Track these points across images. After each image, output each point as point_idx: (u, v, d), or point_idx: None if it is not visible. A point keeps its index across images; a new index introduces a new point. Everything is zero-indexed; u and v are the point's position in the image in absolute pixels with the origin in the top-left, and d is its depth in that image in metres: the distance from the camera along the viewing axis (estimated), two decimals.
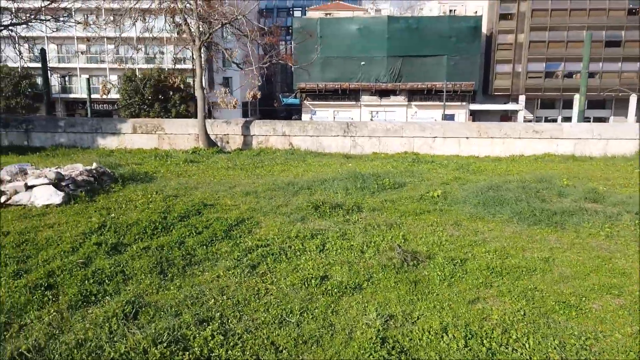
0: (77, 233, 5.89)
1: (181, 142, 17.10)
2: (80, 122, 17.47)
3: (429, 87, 58.20)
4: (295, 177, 10.09)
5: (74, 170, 8.56)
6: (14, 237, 5.81)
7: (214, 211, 7.04)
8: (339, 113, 60.46)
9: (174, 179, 9.97)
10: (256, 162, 12.54)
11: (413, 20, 58.09)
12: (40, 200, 7.38)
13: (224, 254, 5.33)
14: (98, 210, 7.04)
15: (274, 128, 16.87)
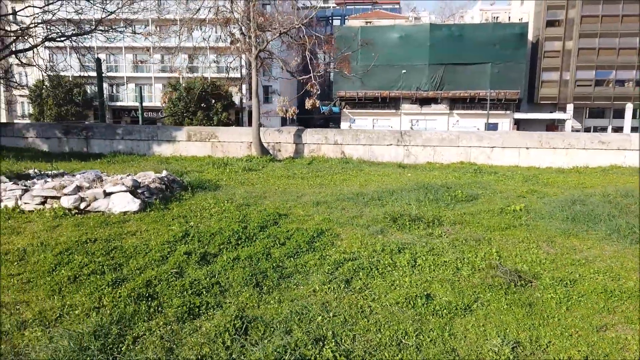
0: (162, 241, 5.89)
1: (234, 150, 17.28)
2: (137, 130, 17.95)
3: (472, 96, 56.91)
4: (360, 187, 9.91)
5: (146, 178, 8.68)
6: (101, 244, 5.87)
7: (289, 221, 6.93)
8: (378, 121, 60.03)
9: (238, 187, 9.98)
10: (313, 171, 12.44)
11: (456, 28, 57.18)
12: (117, 208, 7.49)
13: (312, 267, 5.18)
14: (175, 219, 7.07)
15: (325, 136, 16.79)
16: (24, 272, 5.02)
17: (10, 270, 5.08)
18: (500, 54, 55.22)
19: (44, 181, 8.59)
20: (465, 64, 56.24)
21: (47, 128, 18.45)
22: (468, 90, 56.00)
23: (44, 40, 18.47)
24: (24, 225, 6.84)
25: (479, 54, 56.03)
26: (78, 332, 3.61)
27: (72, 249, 5.69)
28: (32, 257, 5.49)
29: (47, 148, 18.04)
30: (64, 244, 5.85)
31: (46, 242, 6.00)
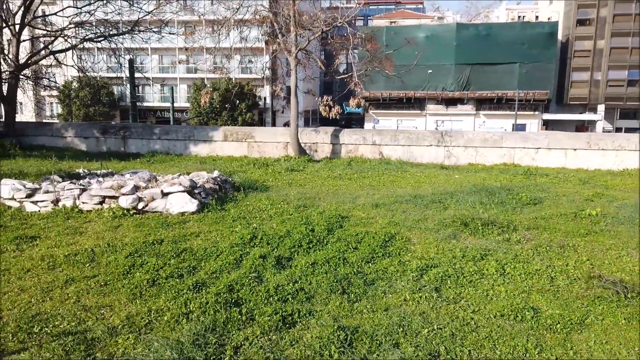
0: (231, 244, 5.71)
1: (270, 150, 17.13)
2: (174, 130, 17.97)
3: (499, 96, 55.79)
4: (413, 189, 9.61)
5: (199, 178, 8.55)
6: (169, 245, 5.72)
7: (353, 224, 6.69)
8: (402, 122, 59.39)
9: (287, 188, 9.79)
10: (357, 172, 12.18)
11: (483, 27, 56.19)
12: (175, 208, 7.36)
13: (394, 273, 4.92)
14: (236, 220, 6.90)
15: (363, 137, 16.51)
16: (98, 274, 4.89)
17: (84, 272, 4.96)
18: (529, 53, 53.99)
19: (97, 181, 8.54)
20: (493, 64, 55.15)
21: (85, 128, 18.62)
22: (495, 91, 54.94)
23: (82, 41, 18.66)
24: (85, 225, 6.77)
25: (507, 53, 54.87)
26: (175, 341, 3.43)
27: (141, 250, 5.56)
28: (102, 258, 5.37)
29: (85, 147, 18.20)
30: (132, 245, 5.72)
31: (112, 243, 5.89)
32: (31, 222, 6.90)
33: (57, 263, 5.20)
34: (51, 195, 7.49)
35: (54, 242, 5.96)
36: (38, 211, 7.43)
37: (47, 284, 4.68)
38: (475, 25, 57.68)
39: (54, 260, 5.25)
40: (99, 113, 54.74)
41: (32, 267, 5.09)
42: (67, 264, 5.19)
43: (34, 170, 11.73)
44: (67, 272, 4.96)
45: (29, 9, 16.95)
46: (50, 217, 7.14)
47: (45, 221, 6.95)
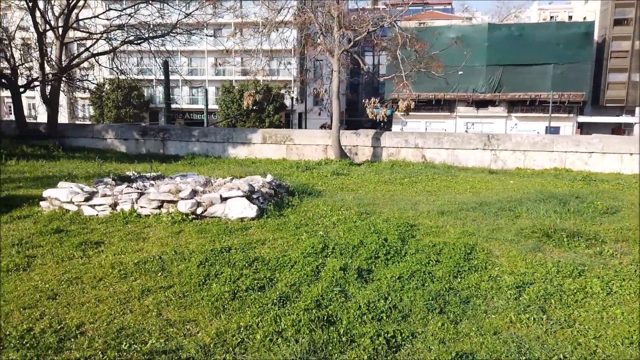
0: (304, 253, 5.43)
1: (309, 153, 16.89)
2: (213, 132, 17.92)
3: (532, 98, 54.30)
4: (473, 195, 9.19)
5: (254, 182, 8.33)
6: (238, 254, 5.48)
7: (424, 234, 6.33)
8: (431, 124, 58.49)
9: (340, 192, 9.50)
10: (406, 177, 11.79)
11: (516, 28, 54.87)
12: (234, 213, 7.14)
13: (488, 290, 4.55)
14: (299, 227, 6.63)
15: (405, 140, 16.10)
16: (173, 285, 4.67)
17: (158, 282, 4.74)
18: (564, 54, 52.39)
19: (150, 184, 8.41)
20: (526, 65, 53.74)
21: (125, 130, 18.76)
22: (528, 92, 53.52)
23: (123, 43, 18.82)
24: (146, 231, 6.60)
25: (541, 54, 53.37)
26: None
27: (211, 259, 5.32)
28: (173, 266, 5.16)
29: (125, 149, 18.33)
30: (200, 253, 5.50)
31: (178, 250, 5.69)
32: (91, 226, 6.78)
33: (128, 271, 5.01)
34: (109, 199, 7.37)
35: (119, 249, 5.80)
36: (96, 215, 7.32)
37: (123, 294, 4.48)
38: (508, 25, 56.38)
39: (125, 268, 5.07)
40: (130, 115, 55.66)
41: (104, 275, 4.91)
42: (138, 272, 5.00)
43: (81, 172, 11.76)
44: (141, 282, 4.76)
45: (72, 12, 17.16)
46: (109, 222, 7.01)
47: (105, 226, 6.82)
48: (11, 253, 5.53)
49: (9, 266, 5.10)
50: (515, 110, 55.36)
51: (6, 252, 5.57)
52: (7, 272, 4.99)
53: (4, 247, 5.76)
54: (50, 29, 16.99)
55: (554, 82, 51.30)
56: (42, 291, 4.51)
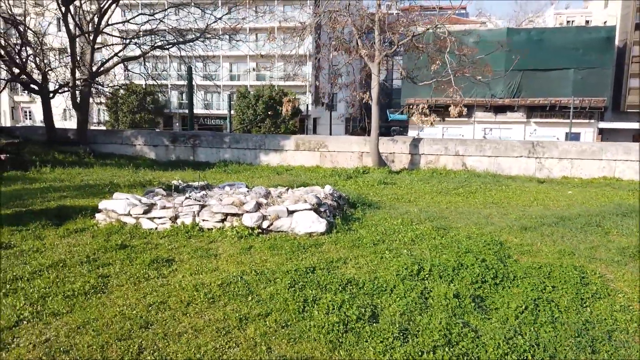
0: (399, 276, 4.97)
1: (343, 160, 16.47)
2: (245, 139, 17.56)
3: (552, 103, 53.43)
4: (544, 207, 8.67)
5: (314, 193, 7.89)
6: (325, 275, 5.02)
7: (518, 253, 5.85)
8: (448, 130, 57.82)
9: (398, 204, 9.04)
10: (457, 186, 11.30)
11: (535, 32, 54.16)
12: (302, 228, 6.71)
13: (628, 322, 4.05)
14: (377, 244, 6.19)
15: (445, 147, 15.62)
16: (271, 312, 4.22)
17: (252, 308, 4.30)
18: (584, 59, 51.56)
19: (203, 194, 8.00)
20: (545, 70, 52.96)
21: (154, 136, 18.48)
22: (548, 98, 52.70)
23: (152, 48, 18.58)
24: (213, 246, 6.19)
25: (561, 59, 52.57)
26: None
27: (299, 280, 4.88)
28: (260, 289, 4.72)
29: (154, 156, 18.03)
30: (283, 273, 5.07)
31: (257, 269, 5.27)
32: (154, 241, 6.39)
33: (214, 295, 4.58)
34: (170, 212, 6.98)
35: (193, 267, 5.38)
36: (155, 228, 6.93)
37: (220, 322, 4.05)
38: (527, 30, 55.70)
39: (210, 291, 4.64)
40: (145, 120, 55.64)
41: (191, 299, 4.49)
42: (225, 296, 4.57)
43: (122, 181, 11.43)
44: (233, 308, 4.33)
45: (104, 16, 16.94)
46: (172, 236, 6.62)
47: (168, 240, 6.43)
48: (82, 272, 5.14)
49: (84, 288, 4.70)
50: (535, 116, 54.54)
51: (76, 271, 5.18)
52: (85, 294, 4.59)
53: (72, 265, 5.37)
54: (81, 34, 16.77)
55: (575, 87, 50.44)
56: (131, 318, 4.09)
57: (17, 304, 4.33)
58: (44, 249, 5.94)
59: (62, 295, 4.54)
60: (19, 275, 5.00)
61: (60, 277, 4.99)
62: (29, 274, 5.04)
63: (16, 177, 11.77)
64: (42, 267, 5.26)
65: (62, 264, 5.39)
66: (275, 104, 51.28)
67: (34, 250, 5.85)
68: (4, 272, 5.09)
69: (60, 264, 5.38)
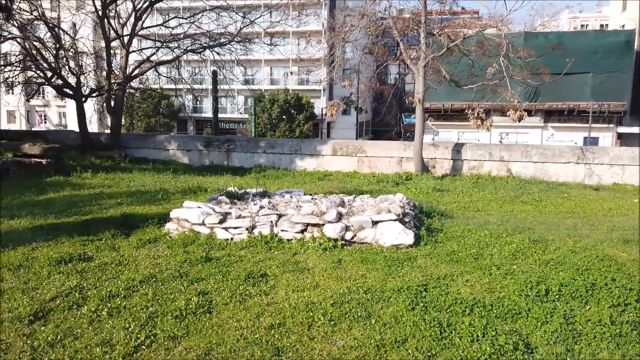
0: (527, 296, 4.58)
1: (382, 166, 16.10)
2: (280, 143, 17.25)
3: (570, 107, 52.67)
4: (626, 217, 8.23)
5: (388, 202, 7.52)
6: (442, 294, 4.64)
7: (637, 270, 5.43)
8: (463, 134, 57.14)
9: (469, 213, 8.64)
10: (519, 194, 10.88)
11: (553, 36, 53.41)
12: (387, 239, 6.33)
13: None
14: (477, 258, 5.81)
15: (490, 152, 15.20)
16: (407, 338, 3.84)
17: (382, 333, 3.92)
18: (603, 63, 50.82)
19: (267, 202, 7.66)
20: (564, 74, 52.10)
21: (188, 140, 18.24)
22: (566, 102, 51.98)
23: (185, 52, 18.35)
24: (298, 259, 5.84)
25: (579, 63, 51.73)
26: None
27: (418, 300, 4.50)
28: (377, 309, 4.35)
29: (188, 160, 17.77)
30: (395, 292, 4.70)
31: (362, 286, 4.91)
32: (235, 253, 6.05)
33: (332, 316, 4.20)
34: (246, 221, 6.64)
35: (291, 283, 5.03)
36: (231, 239, 6.60)
37: (356, 349, 3.67)
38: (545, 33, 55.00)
39: (326, 312, 4.27)
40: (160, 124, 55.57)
41: (310, 321, 4.11)
42: (344, 317, 4.19)
43: (170, 186, 11.13)
44: (361, 332, 3.95)
45: (139, 20, 16.73)
46: (250, 247, 6.28)
47: (250, 252, 6.09)
48: (179, 288, 4.79)
49: (190, 307, 4.35)
50: (552, 120, 53.80)
51: (171, 287, 4.83)
52: (193, 314, 4.24)
53: (164, 280, 5.03)
54: (117, 38, 16.57)
55: (593, 91, 49.73)
56: (257, 344, 3.73)
57: (127, 325, 4.00)
58: (125, 262, 5.61)
59: (171, 315, 4.19)
60: (114, 292, 4.66)
61: (159, 294, 4.65)
62: (124, 291, 4.71)
63: (60, 183, 11.51)
64: (133, 282, 4.93)
65: (153, 279, 5.05)
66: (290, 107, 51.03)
67: (116, 264, 5.52)
68: (98, 287, 4.76)
69: (152, 279, 5.05)
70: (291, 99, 51.43)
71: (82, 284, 4.86)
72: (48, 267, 5.29)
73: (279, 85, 57.19)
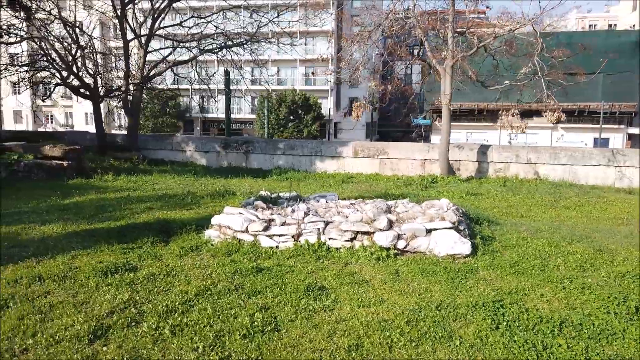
0: (615, 314, 4.25)
1: (405, 168, 15.78)
2: (300, 145, 16.95)
3: (581, 108, 52.18)
4: None
5: (434, 208, 7.21)
6: (526, 314, 4.32)
7: None
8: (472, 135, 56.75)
9: (513, 219, 8.32)
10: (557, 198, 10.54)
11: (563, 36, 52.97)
12: (442, 249, 6.02)
13: None
14: (544, 270, 5.48)
15: (516, 154, 14.87)
16: None
17: (470, 355, 3.61)
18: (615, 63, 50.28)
19: (308, 206, 7.35)
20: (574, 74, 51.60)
21: (206, 142, 17.96)
22: (577, 103, 51.50)
23: (201, 52, 18.08)
24: (354, 270, 5.53)
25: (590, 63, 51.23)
26: None
27: (499, 319, 4.19)
28: (456, 327, 4.04)
29: (205, 162, 17.50)
30: (469, 308, 4.39)
31: (430, 301, 4.59)
32: (284, 263, 5.75)
33: (412, 336, 3.89)
34: (292, 229, 6.34)
35: (353, 297, 4.71)
36: (276, 247, 6.29)
37: None
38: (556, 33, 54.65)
39: (402, 331, 3.96)
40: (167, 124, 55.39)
41: (391, 342, 3.80)
42: (425, 338, 3.88)
43: (198, 190, 10.83)
44: (448, 355, 3.64)
45: (157, 19, 16.47)
46: (298, 256, 5.98)
47: (299, 262, 5.79)
48: (238, 303, 4.48)
49: (255, 324, 4.04)
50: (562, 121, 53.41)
51: (229, 301, 4.52)
52: (261, 332, 3.94)
53: (219, 293, 4.73)
54: (135, 37, 16.30)
55: (604, 92, 49.28)
56: None
57: (194, 345, 3.70)
58: (173, 272, 5.31)
59: (238, 333, 3.89)
60: (170, 307, 4.36)
61: (219, 310, 4.34)
62: (181, 305, 4.41)
63: (83, 186, 11.24)
64: (188, 295, 4.63)
65: (207, 292, 4.75)
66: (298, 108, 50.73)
67: (164, 274, 5.23)
68: (152, 301, 4.47)
69: (206, 292, 4.75)
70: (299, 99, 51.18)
71: (135, 297, 4.56)
72: (94, 278, 5.01)
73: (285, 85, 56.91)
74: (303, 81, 59.72)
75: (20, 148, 12.07)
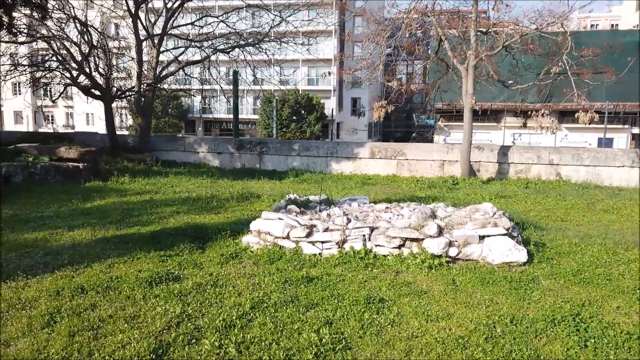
0: None
1: (423, 169, 15.50)
2: (315, 146, 16.66)
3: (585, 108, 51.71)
4: None
5: (478, 212, 6.92)
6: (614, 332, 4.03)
7: None
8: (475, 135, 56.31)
9: (556, 223, 8.03)
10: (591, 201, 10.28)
11: None
12: (497, 256, 5.73)
13: None
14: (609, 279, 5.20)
15: (538, 155, 14.61)
16: None
17: None
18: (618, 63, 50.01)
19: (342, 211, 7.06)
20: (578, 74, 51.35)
21: (219, 143, 17.65)
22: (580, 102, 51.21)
23: (215, 52, 17.78)
24: (408, 279, 5.24)
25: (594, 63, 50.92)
26: None
27: (579, 334, 3.91)
28: (538, 345, 3.76)
29: (219, 163, 17.19)
30: (548, 323, 4.11)
31: (500, 314, 4.31)
32: (332, 271, 5.46)
33: (499, 358, 3.62)
34: (336, 235, 6.04)
35: (417, 310, 4.42)
36: (319, 254, 6.00)
37: None
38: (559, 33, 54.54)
39: (483, 350, 3.68)
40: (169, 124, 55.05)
41: None
42: None
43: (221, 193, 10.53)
44: None
45: (170, 19, 16.16)
46: (344, 264, 5.70)
47: (347, 270, 5.51)
48: (299, 317, 4.19)
49: (323, 340, 3.75)
50: (566, 121, 53.15)
51: (289, 315, 4.23)
52: (333, 351, 3.65)
53: (274, 306, 4.43)
54: (148, 37, 15.98)
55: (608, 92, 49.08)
56: None
57: None
58: (220, 283, 5.01)
59: (310, 352, 3.60)
60: (228, 322, 4.06)
61: (280, 325, 4.05)
62: (238, 320, 4.11)
63: (101, 188, 10.93)
64: (243, 308, 4.32)
65: (263, 304, 4.45)
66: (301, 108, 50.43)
67: (211, 285, 4.93)
68: (207, 315, 4.17)
69: (261, 304, 4.45)
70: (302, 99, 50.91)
71: (187, 310, 4.26)
72: (139, 289, 4.70)
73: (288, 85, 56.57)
74: (306, 81, 59.41)
75: (34, 150, 11.75)
